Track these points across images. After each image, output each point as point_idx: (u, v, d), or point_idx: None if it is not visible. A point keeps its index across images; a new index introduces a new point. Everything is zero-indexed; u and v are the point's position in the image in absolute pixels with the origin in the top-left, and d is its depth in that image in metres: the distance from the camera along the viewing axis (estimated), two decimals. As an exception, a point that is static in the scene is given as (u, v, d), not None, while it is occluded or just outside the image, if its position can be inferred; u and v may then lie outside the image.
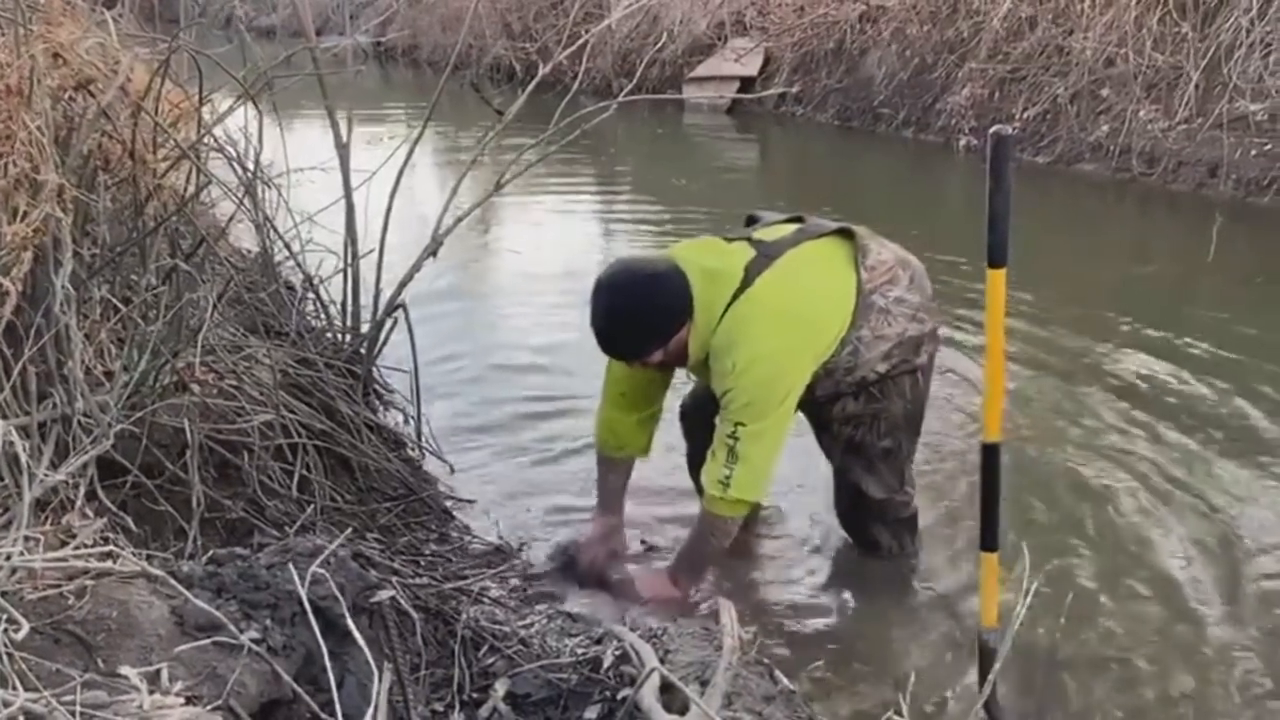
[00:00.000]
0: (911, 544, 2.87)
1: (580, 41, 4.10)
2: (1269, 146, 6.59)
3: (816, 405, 2.65)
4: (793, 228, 2.65)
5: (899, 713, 1.32)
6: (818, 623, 2.64)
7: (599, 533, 2.79)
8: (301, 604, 1.59)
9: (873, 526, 2.82)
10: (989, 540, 2.16)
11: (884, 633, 2.62)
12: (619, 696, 1.80)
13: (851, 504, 2.82)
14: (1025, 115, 7.96)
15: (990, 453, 2.13)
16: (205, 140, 2.74)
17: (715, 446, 2.49)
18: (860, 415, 2.64)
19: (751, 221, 2.74)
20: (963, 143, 8.35)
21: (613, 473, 2.84)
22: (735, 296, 2.47)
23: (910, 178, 8.16)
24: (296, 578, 1.51)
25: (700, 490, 2.87)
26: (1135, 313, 4.66)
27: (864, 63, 9.64)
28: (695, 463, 2.94)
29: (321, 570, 1.55)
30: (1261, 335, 4.42)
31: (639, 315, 2.48)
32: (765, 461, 2.48)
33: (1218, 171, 6.72)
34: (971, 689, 2.26)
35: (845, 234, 2.63)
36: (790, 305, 2.49)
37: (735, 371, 2.44)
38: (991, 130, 1.96)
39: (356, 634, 1.45)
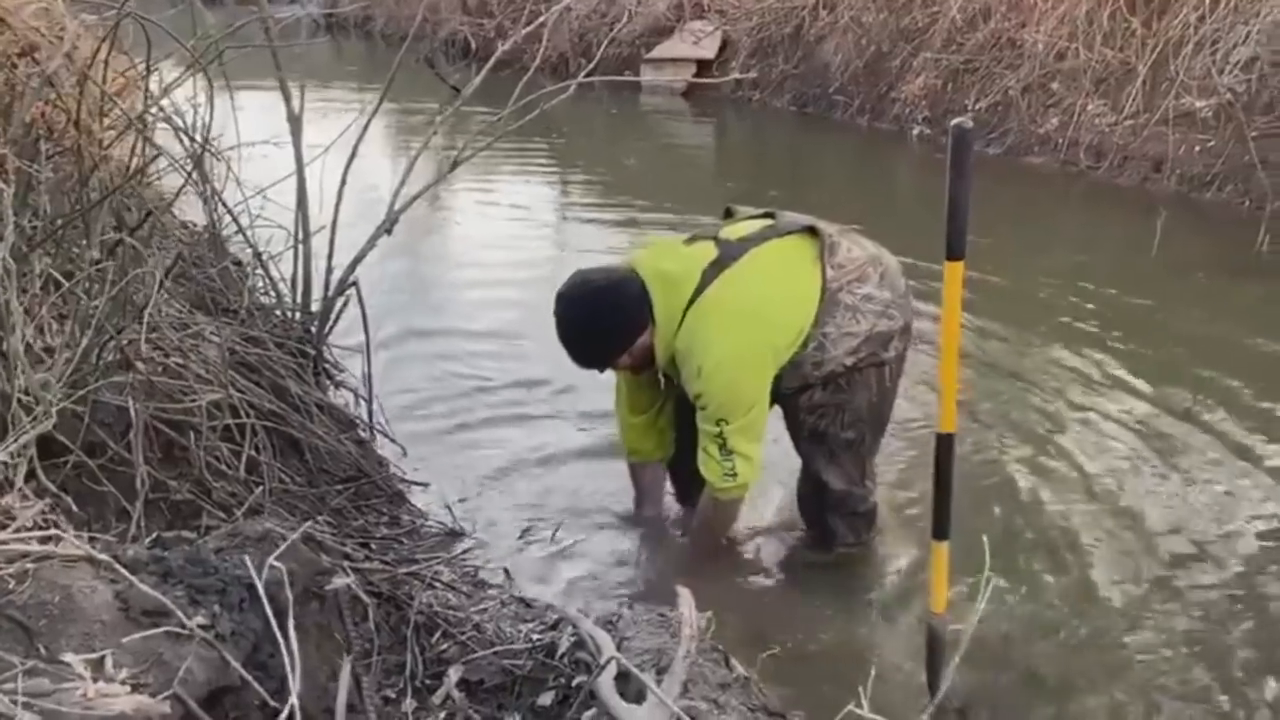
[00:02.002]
0: (867, 536, 2.88)
1: (539, 21, 4.05)
2: (1213, 143, 6.72)
3: (783, 395, 2.67)
4: (762, 224, 2.66)
5: (859, 704, 1.33)
6: (774, 609, 2.66)
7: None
8: (251, 590, 1.56)
9: (830, 517, 2.83)
10: (940, 529, 2.18)
11: (840, 618, 2.65)
12: (574, 683, 1.79)
13: (812, 495, 2.83)
14: (977, 106, 8.05)
15: (944, 443, 2.15)
16: (153, 111, 2.66)
17: (705, 444, 2.58)
18: (825, 405, 2.65)
19: (729, 214, 2.75)
20: (916, 131, 8.42)
21: (640, 478, 3.00)
22: (694, 299, 2.51)
23: (864, 165, 8.21)
24: (253, 569, 1.47)
25: (678, 481, 3.00)
26: (1078, 305, 4.74)
27: (820, 49, 9.67)
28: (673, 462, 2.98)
29: (276, 564, 1.52)
30: (1202, 329, 4.52)
31: (597, 327, 2.56)
32: (757, 447, 2.59)
33: (1162, 167, 6.85)
34: (924, 675, 2.29)
35: (812, 231, 2.63)
36: (746, 305, 2.52)
37: (703, 376, 2.50)
38: (953, 123, 1.97)
39: (286, 646, 1.43)
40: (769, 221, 2.67)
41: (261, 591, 1.45)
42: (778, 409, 2.71)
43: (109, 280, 2.30)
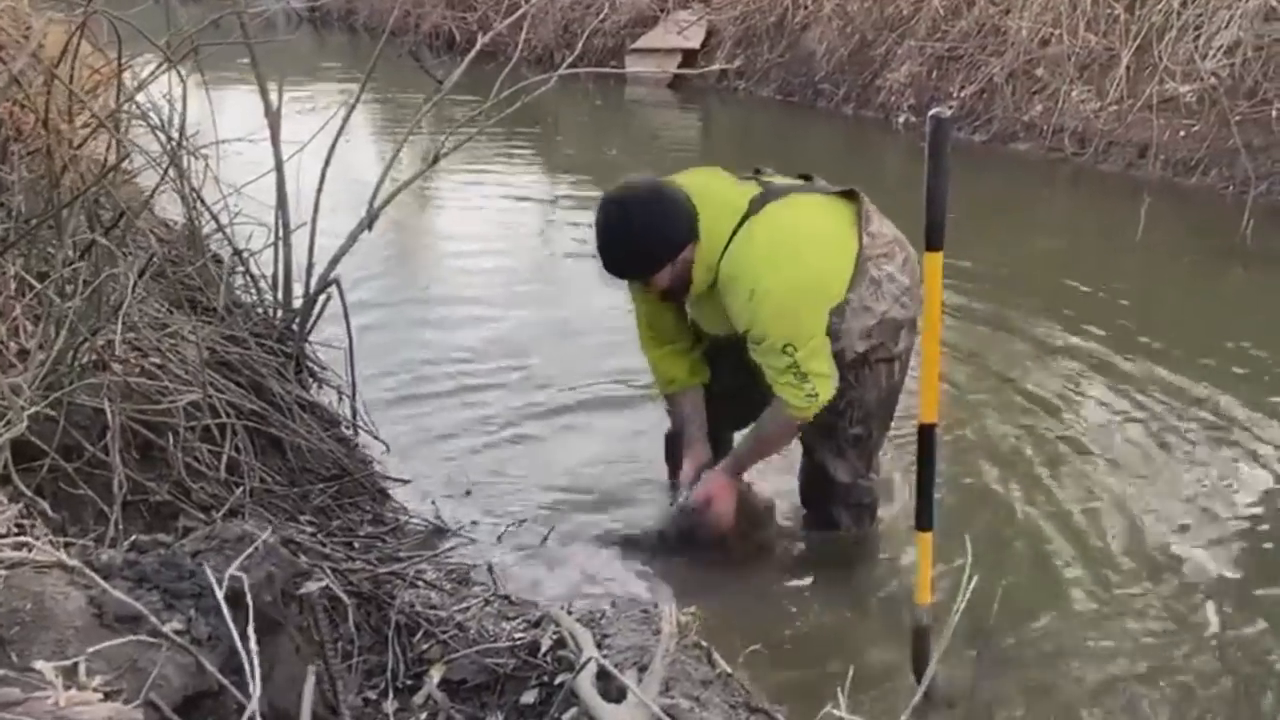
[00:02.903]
0: (869, 526, 2.88)
1: (520, 11, 4.03)
2: (1197, 128, 6.73)
3: None
4: (800, 181, 2.65)
5: (838, 702, 1.33)
6: (757, 604, 2.66)
7: (692, 470, 2.75)
8: (229, 596, 1.54)
9: (834, 508, 2.83)
10: (924, 520, 2.18)
11: (824, 611, 2.64)
12: (556, 681, 1.78)
13: (817, 485, 2.82)
14: (962, 94, 8.04)
15: (926, 434, 2.15)
16: (126, 108, 2.63)
17: (777, 376, 2.48)
18: (834, 400, 2.59)
19: (759, 173, 2.72)
20: (901, 119, 8.41)
21: (678, 408, 2.83)
22: (741, 223, 2.46)
23: (850, 154, 8.20)
24: (213, 580, 1.46)
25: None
26: (1064, 293, 4.74)
27: (805, 38, 9.64)
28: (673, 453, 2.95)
29: (243, 569, 1.50)
30: (1188, 314, 4.53)
31: (646, 234, 2.45)
32: (828, 366, 2.50)
33: (1147, 152, 6.85)
34: (908, 666, 2.29)
35: (851, 196, 2.60)
36: (798, 237, 2.48)
37: (755, 300, 2.43)
38: (930, 113, 1.96)
39: (248, 658, 1.41)
40: (805, 180, 2.65)
41: (221, 599, 1.43)
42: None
43: (83, 281, 2.27)
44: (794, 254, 2.46)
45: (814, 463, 2.78)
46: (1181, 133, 6.79)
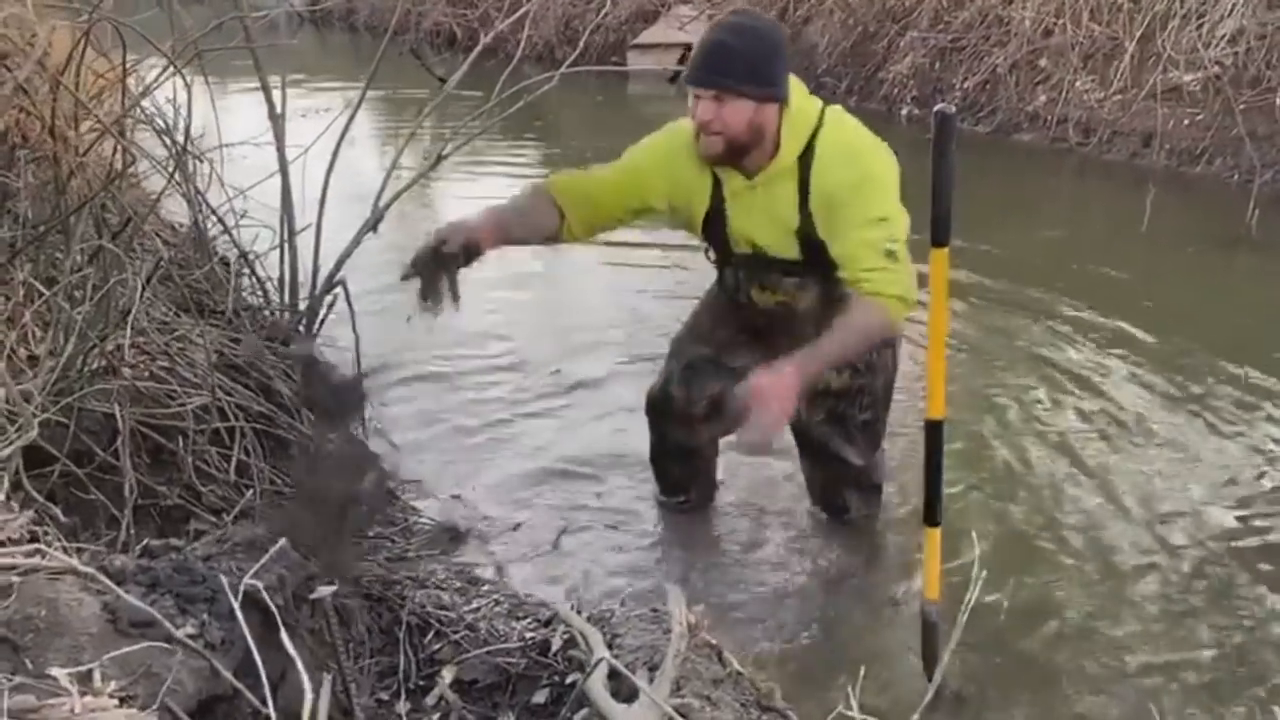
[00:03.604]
0: (876, 509, 2.91)
1: (522, 10, 4.03)
2: (1201, 117, 6.71)
3: None
4: None
5: (849, 701, 1.33)
6: (766, 602, 2.66)
7: (455, 231, 2.41)
8: (241, 599, 1.55)
9: (846, 491, 2.84)
10: (932, 515, 2.19)
11: (833, 608, 2.64)
12: (567, 680, 1.79)
13: (830, 473, 2.82)
14: (965, 85, 8.02)
15: (933, 430, 2.15)
16: (132, 113, 2.64)
17: (875, 261, 2.26)
18: (846, 389, 2.60)
19: None
20: (905, 112, 8.39)
21: (522, 206, 2.51)
22: (824, 110, 2.38)
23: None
24: (226, 586, 1.47)
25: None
26: (1070, 283, 4.73)
27: (807, 31, 9.62)
28: (660, 456, 2.93)
29: (252, 581, 1.51)
30: (1194, 305, 4.52)
31: (760, 43, 2.29)
32: (910, 271, 2.32)
33: (1151, 141, 6.84)
34: (919, 662, 2.29)
35: None
36: (875, 139, 2.41)
37: (871, 181, 2.31)
38: (935, 109, 1.96)
39: (291, 649, 1.42)
40: None
41: (236, 605, 1.44)
42: None
43: (91, 286, 2.29)
44: (885, 151, 2.39)
45: (828, 452, 2.75)
46: (1186, 122, 6.77)
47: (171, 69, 2.83)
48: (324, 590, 1.63)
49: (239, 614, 1.40)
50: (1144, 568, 2.75)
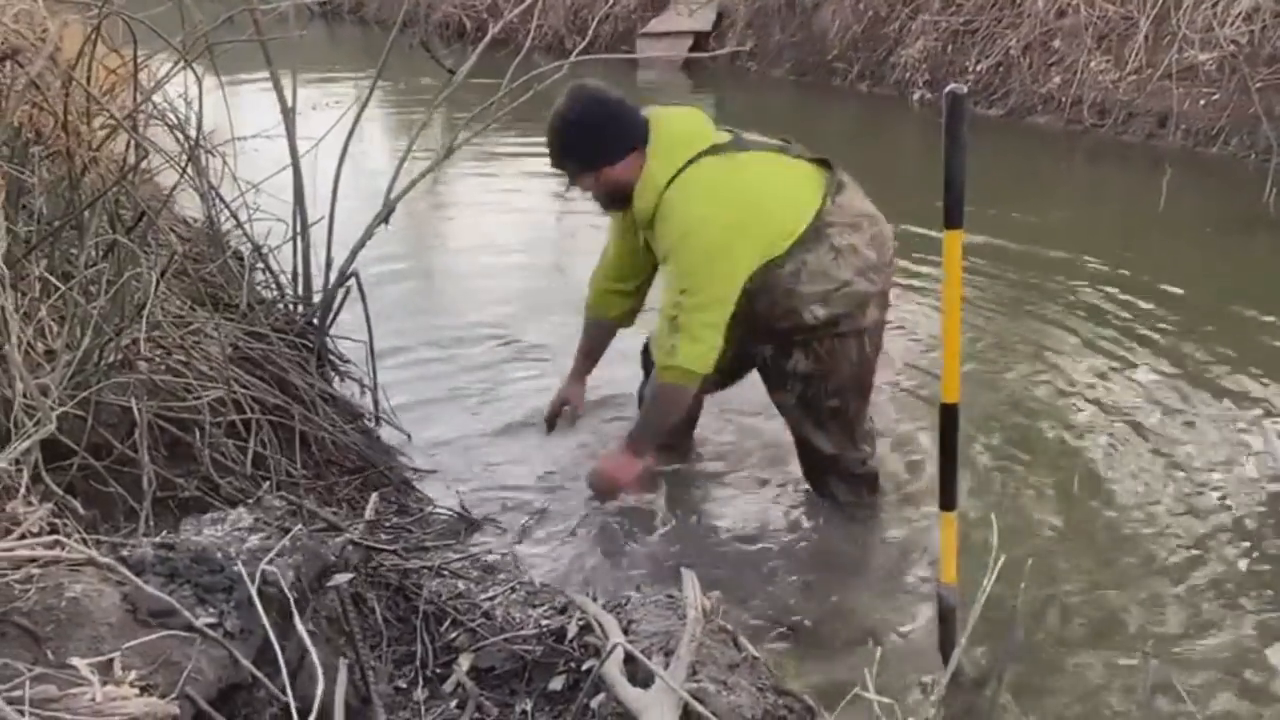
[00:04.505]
0: (870, 498, 2.92)
1: (530, 0, 4.02)
2: (1217, 96, 6.64)
3: (766, 360, 2.73)
4: (778, 141, 2.71)
5: (865, 684, 1.33)
6: (780, 586, 2.66)
7: (562, 393, 3.06)
8: (259, 586, 1.56)
9: (829, 480, 2.89)
10: (947, 500, 2.18)
11: (850, 594, 2.64)
12: (583, 667, 1.79)
13: (807, 459, 2.90)
14: (978, 68, 7.96)
15: (948, 413, 2.15)
16: (144, 108, 2.65)
17: (661, 315, 2.55)
18: (808, 375, 2.68)
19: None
20: (917, 96, 8.34)
21: (588, 335, 3.01)
22: (692, 162, 2.52)
23: (864, 132, 8.14)
24: (245, 573, 1.48)
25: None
26: (1086, 266, 4.71)
27: (818, 16, 9.56)
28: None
29: (269, 569, 1.52)
30: (1212, 286, 4.48)
31: (586, 124, 2.56)
32: (709, 334, 2.51)
33: (1167, 122, 6.78)
34: (935, 646, 2.29)
35: (826, 165, 2.66)
36: (742, 187, 2.52)
37: (676, 235, 2.50)
38: (947, 90, 1.95)
39: (305, 637, 1.43)
40: (784, 143, 2.71)
41: (254, 593, 1.45)
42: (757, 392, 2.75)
43: (106, 281, 2.30)
44: (731, 196, 2.50)
45: (800, 438, 2.85)
46: (1202, 101, 6.71)
47: (182, 63, 2.84)
48: (340, 578, 1.64)
49: (257, 603, 1.40)
50: (1163, 553, 2.74)
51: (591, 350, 3.03)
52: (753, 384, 2.92)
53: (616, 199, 2.64)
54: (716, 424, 3.33)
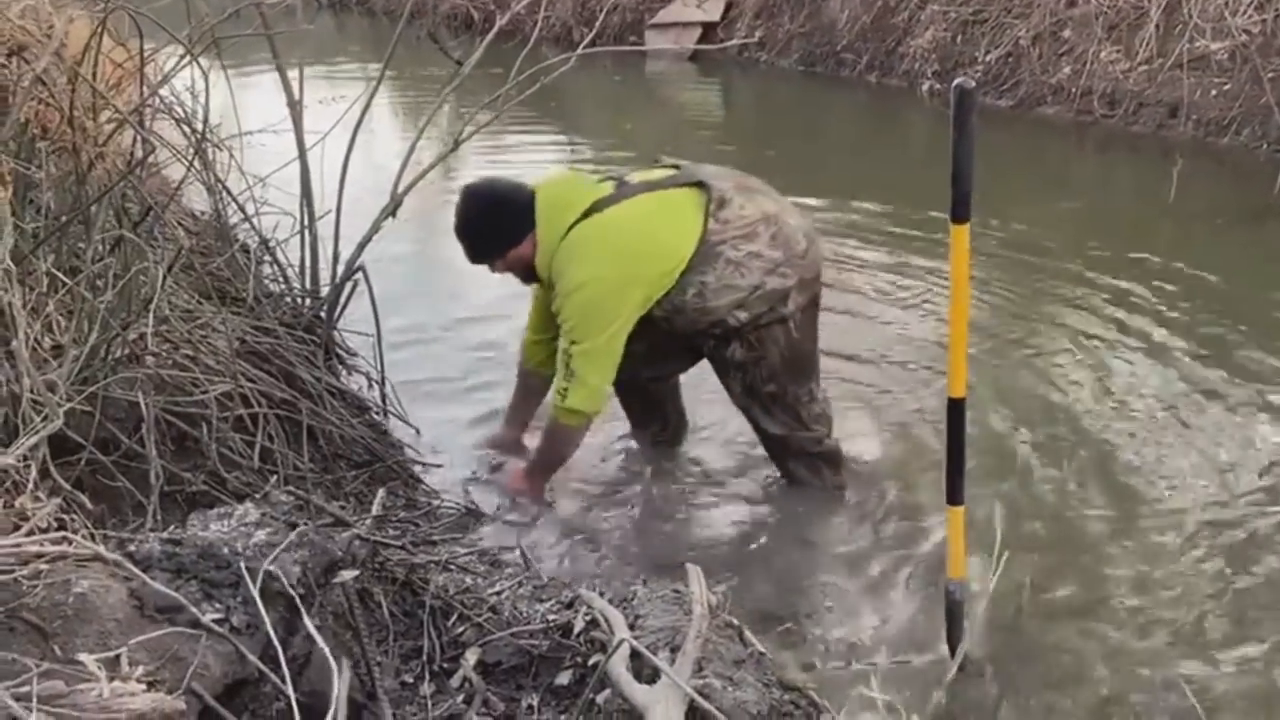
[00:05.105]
0: (833, 478, 3.00)
1: (537, -10, 4.01)
2: (1228, 86, 6.59)
3: (709, 349, 2.86)
4: (667, 173, 2.84)
5: (870, 683, 1.33)
6: (788, 583, 2.66)
7: (494, 438, 3.23)
8: (265, 581, 1.56)
9: (787, 461, 2.99)
10: (954, 494, 2.17)
11: (856, 589, 2.64)
12: (590, 662, 1.79)
13: (764, 445, 3.01)
14: (987, 58, 7.92)
15: (955, 408, 2.14)
16: (150, 102, 2.65)
17: (558, 361, 2.76)
18: (744, 363, 2.82)
19: (656, 163, 2.98)
20: (926, 87, 8.30)
21: (523, 383, 3.16)
22: (576, 224, 2.69)
23: (873, 122, 8.11)
24: (245, 573, 1.48)
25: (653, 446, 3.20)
26: (1095, 257, 4.68)
27: (826, 7, 9.52)
28: (637, 426, 3.23)
29: (273, 569, 1.52)
30: (1223, 277, 4.45)
31: (480, 224, 2.81)
32: (596, 378, 2.73)
33: (1178, 112, 6.73)
34: (942, 641, 2.28)
35: (703, 186, 2.77)
36: (617, 238, 2.71)
37: (564, 293, 2.70)
38: (955, 83, 1.94)
39: (314, 633, 1.43)
40: (674, 172, 2.85)
41: (255, 592, 1.45)
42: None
43: (113, 276, 2.30)
44: (609, 253, 2.69)
45: (752, 423, 2.96)
46: (1213, 92, 6.66)
47: (188, 57, 2.84)
48: (346, 575, 1.64)
49: (254, 591, 1.40)
50: (1171, 547, 2.73)
51: (525, 398, 3.17)
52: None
53: (530, 274, 2.85)
54: (721, 419, 3.32)
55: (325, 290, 3.27)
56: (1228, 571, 2.62)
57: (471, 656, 1.87)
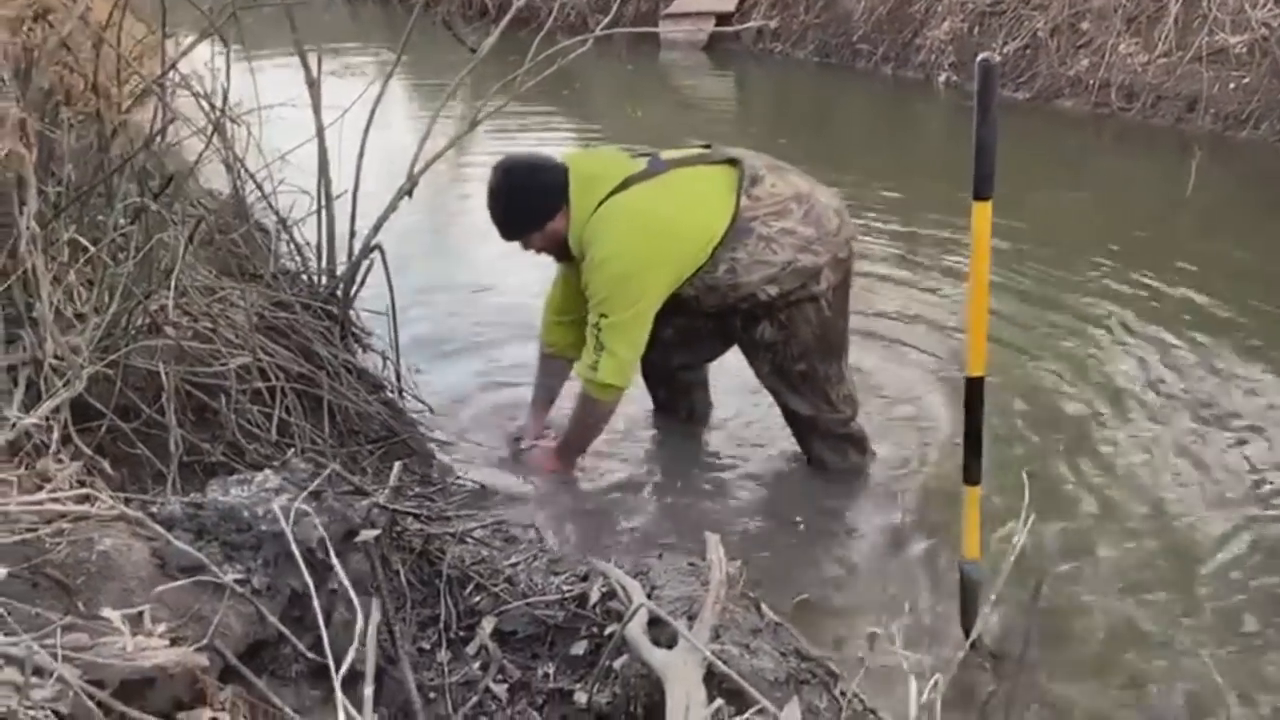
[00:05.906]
0: (859, 459, 2.99)
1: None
2: (1247, 80, 6.56)
3: (738, 331, 2.85)
4: (697, 151, 2.84)
5: (890, 638, 1.33)
6: (805, 556, 2.66)
7: (520, 428, 3.16)
8: (284, 543, 1.57)
9: (813, 443, 2.98)
10: (971, 474, 2.17)
11: (872, 564, 2.65)
12: (605, 632, 1.80)
13: (791, 425, 3.00)
14: (1005, 50, 7.88)
15: (973, 387, 2.14)
16: (170, 76, 2.66)
17: (587, 335, 2.74)
18: (775, 342, 2.82)
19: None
20: (942, 78, 8.27)
21: (546, 367, 3.13)
22: (607, 199, 2.68)
23: (889, 114, 8.08)
24: (282, 518, 1.49)
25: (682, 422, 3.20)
26: (1113, 250, 4.66)
27: (843, -3, 9.49)
28: (661, 410, 3.24)
29: (299, 518, 1.53)
30: (1241, 269, 4.44)
31: (514, 201, 2.79)
32: (626, 351, 2.72)
33: (1196, 105, 6.70)
34: (955, 619, 2.28)
35: (735, 163, 2.77)
36: (650, 214, 2.69)
37: (593, 265, 2.68)
38: (979, 59, 1.93)
39: (340, 572, 1.44)
40: (706, 150, 2.85)
41: (295, 549, 1.46)
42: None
43: (134, 246, 2.31)
44: (640, 227, 2.67)
45: (780, 404, 2.95)
46: (1232, 85, 6.63)
47: (209, 32, 2.84)
48: (368, 534, 1.65)
49: (295, 550, 1.41)
50: (1190, 531, 2.72)
51: (547, 381, 3.14)
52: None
53: (564, 251, 2.83)
54: (740, 401, 3.32)
55: (342, 268, 3.28)
56: (1258, 557, 2.60)
57: (488, 625, 1.87)
